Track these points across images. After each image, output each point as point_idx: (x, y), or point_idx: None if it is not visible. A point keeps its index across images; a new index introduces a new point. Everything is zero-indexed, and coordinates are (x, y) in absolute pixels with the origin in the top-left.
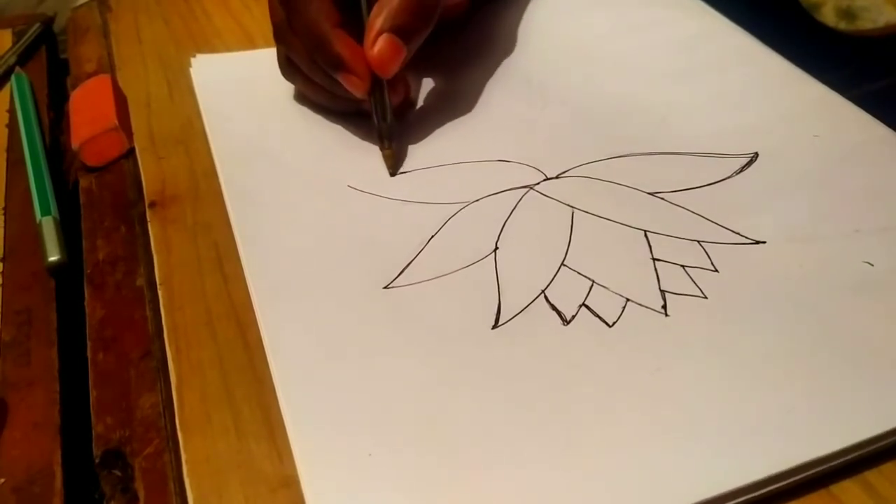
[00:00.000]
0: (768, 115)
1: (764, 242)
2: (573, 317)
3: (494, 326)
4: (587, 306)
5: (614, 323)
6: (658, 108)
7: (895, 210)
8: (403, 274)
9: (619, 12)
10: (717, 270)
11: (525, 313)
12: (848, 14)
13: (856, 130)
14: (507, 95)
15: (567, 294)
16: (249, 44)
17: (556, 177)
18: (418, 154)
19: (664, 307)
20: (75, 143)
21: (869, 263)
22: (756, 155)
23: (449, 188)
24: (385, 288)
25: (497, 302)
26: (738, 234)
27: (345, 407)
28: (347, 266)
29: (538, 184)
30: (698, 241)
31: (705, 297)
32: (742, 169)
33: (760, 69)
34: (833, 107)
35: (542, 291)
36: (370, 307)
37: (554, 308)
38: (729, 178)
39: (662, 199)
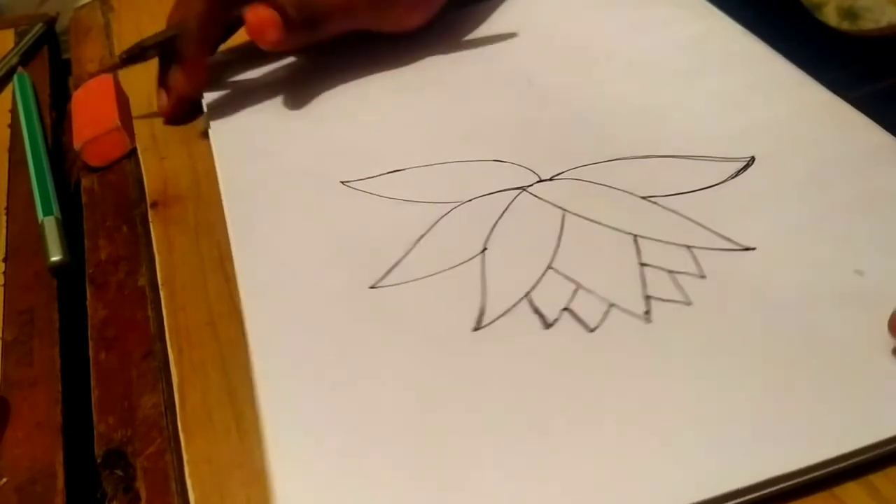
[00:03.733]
0: (768, 118)
1: (754, 249)
2: (555, 320)
3: (476, 328)
4: (570, 310)
5: (595, 328)
6: (658, 110)
7: (889, 218)
8: (390, 273)
9: (621, 12)
10: (703, 276)
11: (507, 316)
12: (850, 14)
13: (856, 136)
14: (506, 95)
15: (551, 297)
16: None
17: (550, 179)
18: (415, 152)
19: (647, 313)
20: (77, 144)
21: (859, 272)
22: (752, 159)
23: (442, 187)
24: (371, 287)
25: (480, 304)
26: (728, 239)
27: (326, 406)
28: (336, 265)
29: (531, 185)
30: (687, 247)
31: (689, 304)
32: (737, 173)
33: (762, 71)
34: (834, 111)
35: (527, 294)
36: (355, 307)
37: (536, 311)
38: (724, 182)
39: (655, 203)
